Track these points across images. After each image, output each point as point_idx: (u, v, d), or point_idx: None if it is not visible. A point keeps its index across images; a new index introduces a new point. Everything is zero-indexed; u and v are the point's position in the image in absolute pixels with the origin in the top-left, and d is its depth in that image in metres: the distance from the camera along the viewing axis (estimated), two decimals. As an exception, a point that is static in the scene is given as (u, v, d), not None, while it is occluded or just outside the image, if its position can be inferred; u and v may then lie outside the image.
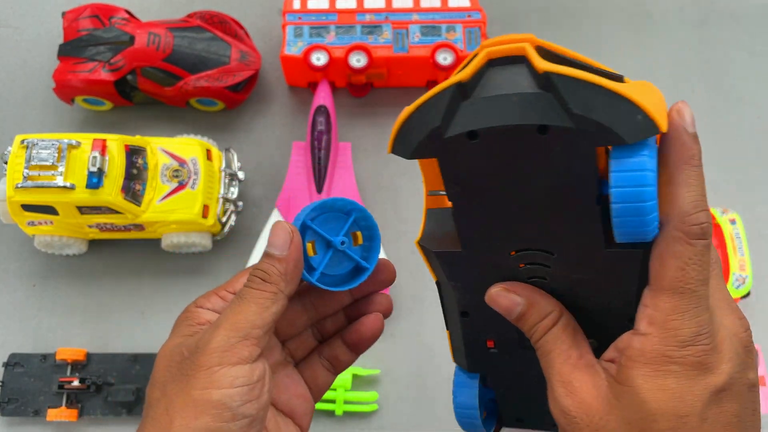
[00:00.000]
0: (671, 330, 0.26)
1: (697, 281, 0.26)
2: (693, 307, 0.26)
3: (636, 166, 0.24)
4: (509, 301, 0.32)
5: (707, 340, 0.26)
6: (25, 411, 0.69)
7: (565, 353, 0.30)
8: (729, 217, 0.72)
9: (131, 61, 0.75)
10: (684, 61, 0.85)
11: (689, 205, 0.26)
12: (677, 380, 0.26)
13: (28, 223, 0.69)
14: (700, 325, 0.26)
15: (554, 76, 0.24)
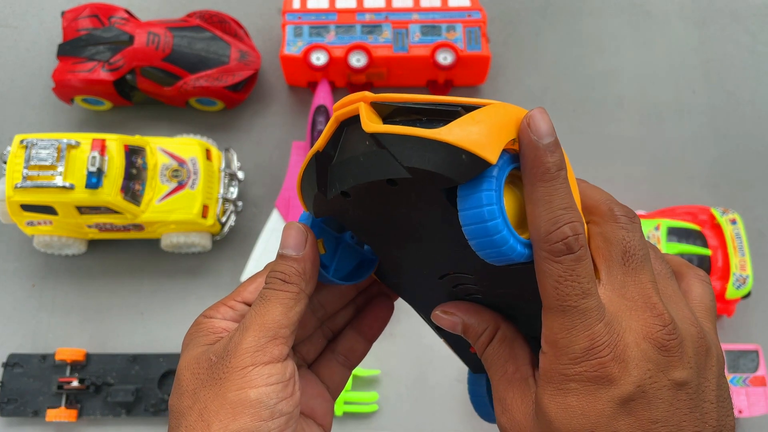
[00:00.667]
0: (562, 348, 0.26)
1: (575, 296, 0.25)
2: (580, 322, 0.25)
3: (475, 203, 0.25)
4: (448, 321, 0.32)
5: (605, 351, 0.25)
6: (24, 411, 0.68)
7: (501, 368, 0.30)
8: (729, 217, 0.72)
9: (130, 60, 0.74)
10: (684, 61, 0.85)
11: (547, 224, 0.25)
12: (577, 397, 0.26)
13: (27, 223, 0.69)
14: (592, 339, 0.25)
15: (378, 136, 0.25)
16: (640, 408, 0.25)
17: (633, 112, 0.82)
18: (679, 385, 0.26)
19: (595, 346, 0.25)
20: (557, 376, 0.26)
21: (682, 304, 0.28)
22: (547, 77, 0.84)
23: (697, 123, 0.82)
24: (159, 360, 0.70)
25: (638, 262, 0.27)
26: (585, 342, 0.25)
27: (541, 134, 0.25)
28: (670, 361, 0.26)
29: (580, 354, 0.25)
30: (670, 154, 0.81)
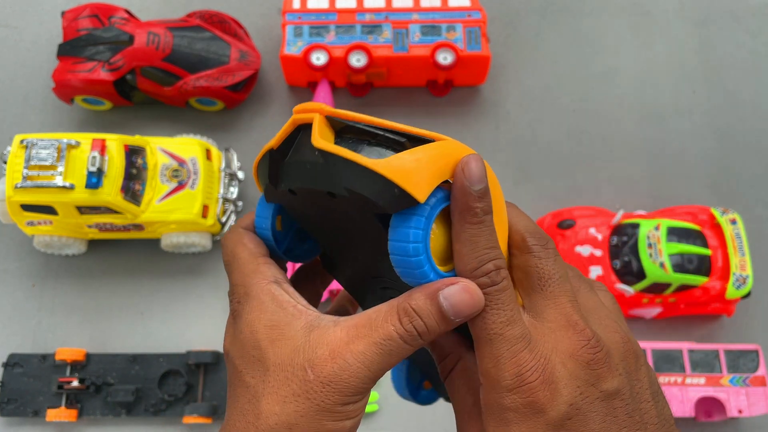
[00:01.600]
0: (494, 378, 0.26)
1: (500, 324, 0.26)
2: (506, 350, 0.26)
3: (402, 236, 0.26)
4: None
5: (533, 376, 0.26)
6: (24, 411, 0.68)
7: (462, 400, 0.30)
8: (729, 218, 0.72)
9: (130, 60, 0.74)
10: (684, 61, 0.85)
11: (472, 263, 0.27)
12: (518, 426, 0.26)
13: (27, 223, 0.69)
14: (519, 365, 0.26)
15: (325, 153, 0.27)
16: (578, 426, 0.26)
17: (633, 112, 0.82)
18: (612, 395, 0.26)
19: (523, 373, 0.26)
20: (496, 408, 0.26)
21: (605, 314, 0.29)
22: (547, 77, 0.84)
23: (697, 123, 0.82)
24: (159, 360, 0.70)
25: (555, 285, 0.28)
26: (513, 369, 0.26)
27: (473, 180, 0.27)
28: (598, 374, 0.26)
29: (511, 382, 0.26)
30: (670, 154, 0.81)
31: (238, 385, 0.28)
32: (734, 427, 0.70)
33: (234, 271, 0.31)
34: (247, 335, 0.28)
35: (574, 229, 0.73)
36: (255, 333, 0.28)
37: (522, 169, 0.80)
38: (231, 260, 0.31)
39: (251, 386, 0.28)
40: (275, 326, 0.28)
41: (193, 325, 0.73)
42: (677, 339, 0.71)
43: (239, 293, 0.30)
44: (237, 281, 0.30)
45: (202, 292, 0.74)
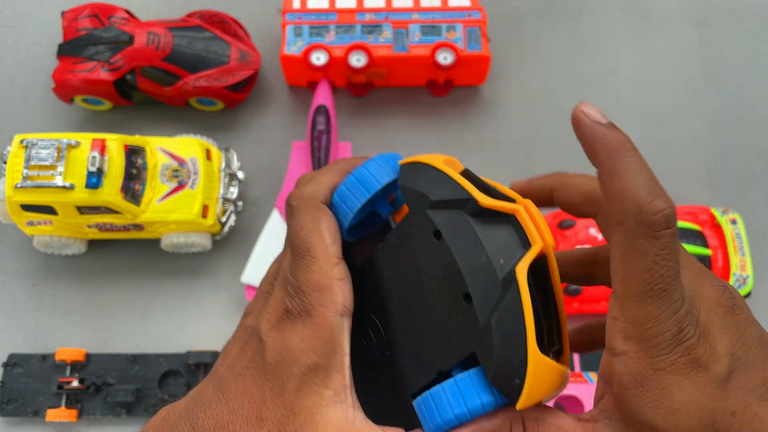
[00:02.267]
0: (651, 339, 0.23)
1: (668, 278, 0.23)
2: (667, 306, 0.23)
3: (449, 404, 0.25)
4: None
5: (690, 332, 0.23)
6: (24, 411, 0.68)
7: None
8: (730, 218, 0.72)
9: (130, 60, 0.74)
10: (684, 61, 0.85)
11: (644, 192, 0.23)
12: (682, 391, 0.23)
13: (27, 223, 0.69)
14: (679, 322, 0.23)
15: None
16: (743, 377, 0.24)
17: (633, 112, 0.82)
18: (764, 338, 0.25)
19: (683, 329, 0.23)
20: (652, 376, 0.23)
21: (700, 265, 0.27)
22: (547, 77, 0.84)
23: (697, 123, 0.82)
24: (159, 360, 0.70)
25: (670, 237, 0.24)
26: (675, 327, 0.23)
27: (599, 116, 0.25)
28: (744, 319, 0.25)
29: (671, 341, 0.23)
30: (670, 154, 0.81)
31: (246, 377, 0.26)
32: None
33: (305, 270, 0.26)
34: (293, 353, 0.25)
35: (574, 229, 0.73)
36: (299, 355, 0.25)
37: (522, 169, 0.80)
38: (303, 252, 0.26)
39: (256, 397, 0.26)
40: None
41: (193, 325, 0.73)
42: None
43: (310, 295, 0.26)
44: (310, 282, 0.26)
45: (202, 292, 0.74)
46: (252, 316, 0.29)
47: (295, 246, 0.27)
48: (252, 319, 0.28)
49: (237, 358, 0.28)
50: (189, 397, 0.28)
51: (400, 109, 0.82)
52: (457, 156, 0.30)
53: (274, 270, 0.30)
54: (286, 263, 0.27)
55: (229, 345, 0.29)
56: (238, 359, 0.27)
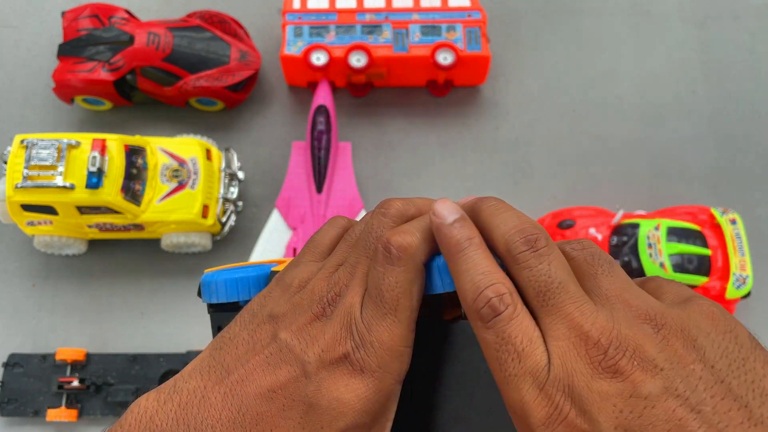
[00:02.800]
0: (525, 422, 0.23)
1: (511, 362, 0.23)
2: (527, 389, 0.23)
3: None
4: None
5: (566, 408, 0.22)
6: (24, 411, 0.68)
7: None
8: (729, 217, 0.72)
9: (131, 60, 0.74)
10: (684, 61, 0.85)
11: (470, 291, 0.24)
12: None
13: (27, 223, 0.69)
14: (550, 404, 0.22)
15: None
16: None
17: (633, 113, 0.82)
18: (656, 399, 0.21)
19: (557, 411, 0.22)
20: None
21: (627, 293, 0.24)
22: (547, 77, 0.84)
23: (697, 123, 0.82)
24: (159, 360, 0.70)
25: (556, 295, 0.24)
26: (544, 410, 0.22)
27: (445, 216, 0.26)
28: (631, 381, 0.22)
29: (546, 422, 0.22)
30: (670, 154, 0.81)
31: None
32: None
33: (385, 328, 0.25)
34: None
35: (574, 229, 0.73)
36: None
37: (522, 169, 0.80)
38: (389, 309, 0.25)
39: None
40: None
41: (193, 325, 0.73)
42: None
43: (381, 356, 0.25)
44: (384, 342, 0.25)
45: (202, 292, 0.74)
46: (288, 331, 0.26)
47: (384, 299, 0.25)
48: (289, 336, 0.26)
49: (260, 372, 0.25)
50: (183, 395, 0.25)
51: (400, 109, 0.82)
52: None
53: (324, 280, 0.28)
54: (357, 301, 0.26)
55: (242, 340, 0.27)
56: (262, 375, 0.25)
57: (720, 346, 0.22)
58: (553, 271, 0.24)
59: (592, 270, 0.25)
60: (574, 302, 0.24)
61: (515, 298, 0.24)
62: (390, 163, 0.79)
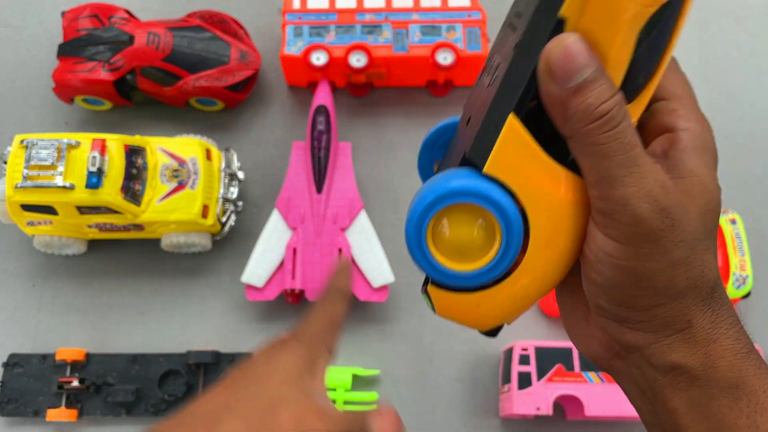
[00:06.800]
0: (706, 123, 0.31)
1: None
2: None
3: (422, 193, 0.28)
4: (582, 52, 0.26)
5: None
6: (24, 411, 0.68)
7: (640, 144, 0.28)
8: (729, 217, 0.72)
9: (131, 60, 0.74)
10: (684, 61, 0.85)
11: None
12: (709, 164, 0.30)
13: (27, 223, 0.69)
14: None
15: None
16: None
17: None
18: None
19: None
20: (703, 147, 0.32)
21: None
22: (547, 77, 0.84)
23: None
24: (159, 360, 0.70)
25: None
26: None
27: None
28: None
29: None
30: (670, 154, 0.81)
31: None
32: (734, 427, 0.70)
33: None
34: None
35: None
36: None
37: (522, 169, 0.80)
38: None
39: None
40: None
41: (193, 325, 0.73)
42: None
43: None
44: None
45: (202, 292, 0.74)
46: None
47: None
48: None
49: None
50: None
51: (400, 109, 0.82)
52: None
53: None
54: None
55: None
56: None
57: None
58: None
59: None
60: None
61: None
62: (390, 163, 0.79)
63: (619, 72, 0.27)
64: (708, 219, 0.27)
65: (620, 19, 0.26)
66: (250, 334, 0.73)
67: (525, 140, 0.27)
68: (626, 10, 0.25)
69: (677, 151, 0.29)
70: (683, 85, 0.32)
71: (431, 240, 0.28)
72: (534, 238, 0.28)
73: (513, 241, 0.27)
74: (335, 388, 0.69)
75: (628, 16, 0.26)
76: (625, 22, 0.26)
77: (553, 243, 0.28)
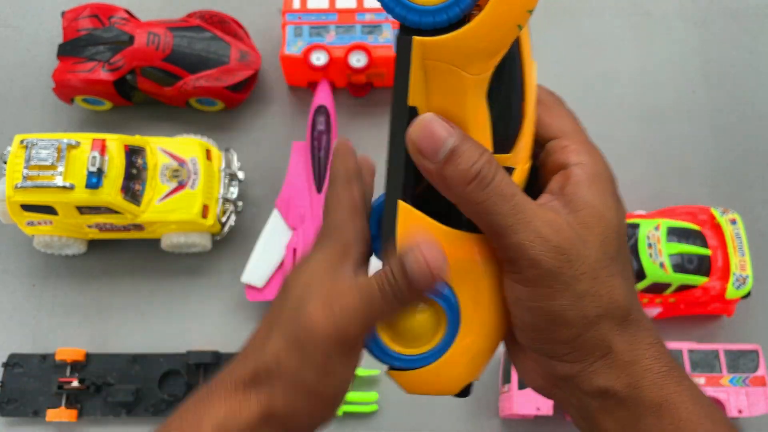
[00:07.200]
0: (597, 153, 0.31)
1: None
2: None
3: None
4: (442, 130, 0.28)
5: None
6: (24, 411, 0.68)
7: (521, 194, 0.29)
8: (729, 217, 0.72)
9: (131, 60, 0.74)
10: (684, 61, 0.85)
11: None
12: (605, 191, 0.29)
13: (27, 223, 0.69)
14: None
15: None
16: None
17: (633, 112, 0.82)
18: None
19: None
20: (595, 176, 0.30)
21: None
22: (547, 77, 0.84)
23: (697, 123, 0.82)
24: (159, 360, 0.70)
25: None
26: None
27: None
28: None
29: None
30: (670, 154, 0.81)
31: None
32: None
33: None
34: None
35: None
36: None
37: (522, 169, 0.80)
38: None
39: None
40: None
41: (193, 325, 0.73)
42: (677, 339, 0.71)
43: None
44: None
45: (202, 292, 0.74)
46: None
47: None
48: None
49: None
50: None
51: (400, 109, 0.81)
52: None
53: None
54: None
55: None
56: None
57: None
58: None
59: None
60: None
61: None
62: (390, 163, 0.79)
63: (483, 132, 0.29)
64: (609, 245, 0.28)
65: (462, 93, 0.28)
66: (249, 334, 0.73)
67: (420, 219, 0.30)
68: (463, 84, 0.28)
69: (571, 186, 0.29)
70: (571, 122, 0.33)
71: (384, 333, 0.30)
72: (463, 303, 0.30)
73: (454, 317, 0.30)
74: (335, 388, 0.69)
75: (467, 88, 0.28)
76: (468, 92, 0.28)
77: (479, 302, 0.30)
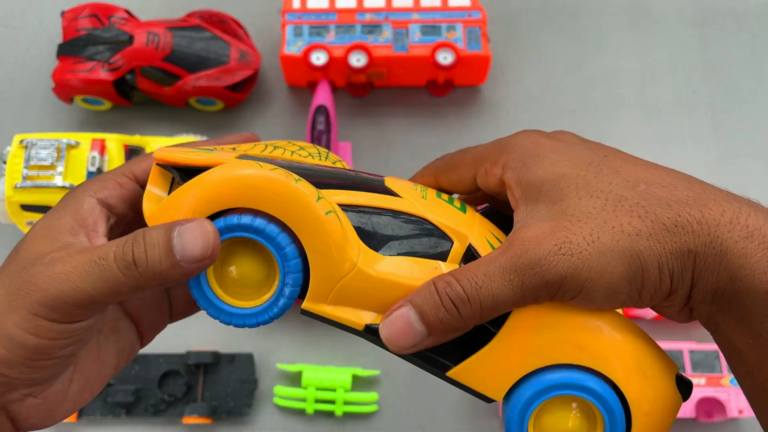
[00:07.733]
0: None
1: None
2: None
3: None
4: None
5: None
6: (24, 411, 0.68)
7: None
8: (729, 217, 0.72)
9: (130, 60, 0.74)
10: (684, 61, 0.85)
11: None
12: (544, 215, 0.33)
13: (27, 223, 0.69)
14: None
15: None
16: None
17: (633, 112, 0.82)
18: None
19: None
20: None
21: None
22: (547, 77, 0.84)
23: (697, 123, 0.82)
24: (159, 360, 0.70)
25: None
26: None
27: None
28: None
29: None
30: (670, 154, 0.81)
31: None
32: (734, 428, 0.70)
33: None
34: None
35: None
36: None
37: (522, 169, 0.80)
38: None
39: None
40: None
41: (193, 325, 0.73)
42: (677, 339, 0.71)
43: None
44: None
45: (202, 292, 0.74)
46: None
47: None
48: None
49: None
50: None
51: (400, 109, 0.82)
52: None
53: None
54: None
55: None
56: None
57: None
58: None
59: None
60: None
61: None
62: (390, 163, 0.79)
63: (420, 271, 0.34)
64: (587, 197, 0.32)
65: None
66: (249, 335, 0.73)
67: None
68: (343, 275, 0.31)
69: (514, 200, 0.35)
70: (468, 162, 0.38)
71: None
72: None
73: (612, 417, 0.32)
74: (335, 389, 0.69)
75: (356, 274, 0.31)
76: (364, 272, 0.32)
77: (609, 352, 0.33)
